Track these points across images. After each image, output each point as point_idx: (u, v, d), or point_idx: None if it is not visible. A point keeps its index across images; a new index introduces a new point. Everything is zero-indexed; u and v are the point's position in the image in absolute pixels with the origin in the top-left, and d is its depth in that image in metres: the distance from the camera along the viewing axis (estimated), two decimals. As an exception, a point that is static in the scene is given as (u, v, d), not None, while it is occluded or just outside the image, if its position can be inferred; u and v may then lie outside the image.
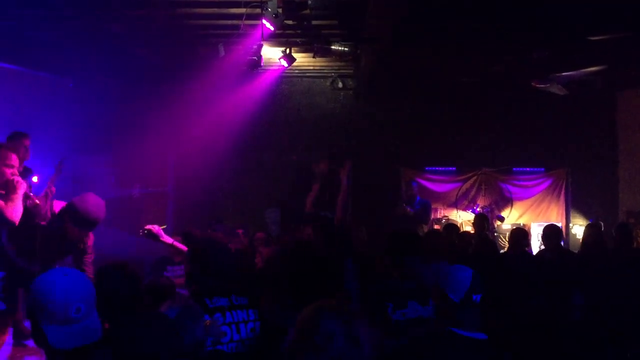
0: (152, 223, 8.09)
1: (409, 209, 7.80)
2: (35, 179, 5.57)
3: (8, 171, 4.07)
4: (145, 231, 4.12)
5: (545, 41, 6.48)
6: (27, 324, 5.43)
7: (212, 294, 2.91)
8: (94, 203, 4.31)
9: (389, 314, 3.13)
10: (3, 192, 4.04)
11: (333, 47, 6.70)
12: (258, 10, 5.34)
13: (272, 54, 7.26)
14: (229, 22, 6.13)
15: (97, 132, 7.89)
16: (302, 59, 7.63)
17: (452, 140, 9.38)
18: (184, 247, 4.18)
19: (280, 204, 8.26)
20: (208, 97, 8.31)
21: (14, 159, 4.15)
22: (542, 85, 7.76)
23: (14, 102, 7.20)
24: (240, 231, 6.84)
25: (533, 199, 9.59)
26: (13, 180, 4.03)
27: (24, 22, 6.05)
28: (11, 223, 4.03)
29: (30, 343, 5.43)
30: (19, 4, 5.50)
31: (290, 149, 9.37)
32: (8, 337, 4.00)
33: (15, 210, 4.00)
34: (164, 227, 8.69)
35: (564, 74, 7.35)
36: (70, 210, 4.26)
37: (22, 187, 4.05)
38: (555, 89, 7.83)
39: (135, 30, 6.27)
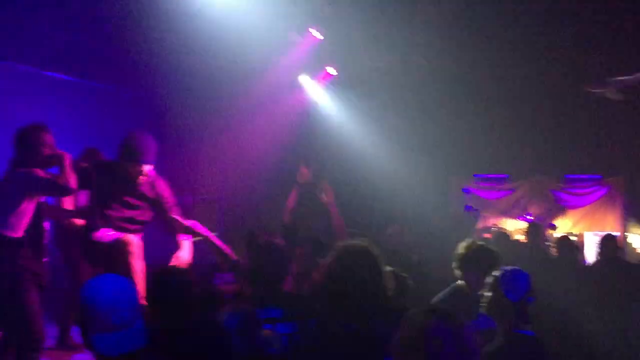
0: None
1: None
2: None
3: (45, 150, 4.23)
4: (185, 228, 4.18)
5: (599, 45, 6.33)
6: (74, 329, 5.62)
7: (267, 304, 2.94)
8: (141, 135, 4.40)
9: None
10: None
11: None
12: (305, 22, 5.39)
13: (320, 63, 7.31)
14: (280, 33, 6.19)
15: (150, 141, 8.07)
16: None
17: (503, 147, 9.19)
18: (226, 248, 4.19)
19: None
20: (261, 106, 8.42)
21: (50, 139, 4.30)
22: (598, 90, 7.56)
23: (77, 113, 7.49)
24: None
25: (588, 207, 9.31)
26: (55, 154, 4.21)
27: (89, 37, 6.30)
28: (71, 190, 4.25)
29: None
30: (86, 20, 5.73)
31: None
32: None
33: (70, 179, 4.18)
34: (214, 234, 8.86)
35: (619, 78, 7.14)
36: (122, 149, 4.33)
37: (67, 157, 4.22)
38: (611, 94, 7.61)
39: (187, 39, 6.44)
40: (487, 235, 8.29)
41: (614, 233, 6.73)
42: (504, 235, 6.86)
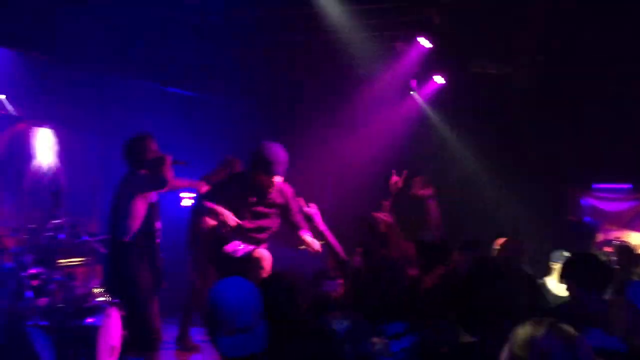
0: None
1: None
2: None
3: (150, 155, 4.57)
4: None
5: None
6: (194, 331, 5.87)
7: (381, 317, 2.93)
8: (273, 145, 4.54)
9: None
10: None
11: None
12: (414, 32, 5.38)
13: (428, 71, 7.24)
14: (386, 43, 6.22)
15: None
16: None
17: (625, 155, 8.58)
18: (338, 247, 4.20)
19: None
20: (366, 116, 8.46)
21: (154, 146, 4.64)
22: None
23: (181, 123, 7.93)
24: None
25: None
26: (158, 157, 4.54)
27: (190, 51, 6.65)
28: (167, 182, 4.54)
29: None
30: (186, 36, 6.06)
31: (451, 170, 9.18)
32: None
33: (168, 173, 4.51)
34: (320, 243, 8.97)
35: None
36: (255, 159, 4.49)
37: (168, 159, 4.53)
38: None
39: (294, 55, 6.62)
40: (608, 249, 7.79)
41: None
42: (626, 249, 6.42)
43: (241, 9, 5.35)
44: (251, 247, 4.65)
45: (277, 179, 4.51)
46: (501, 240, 5.74)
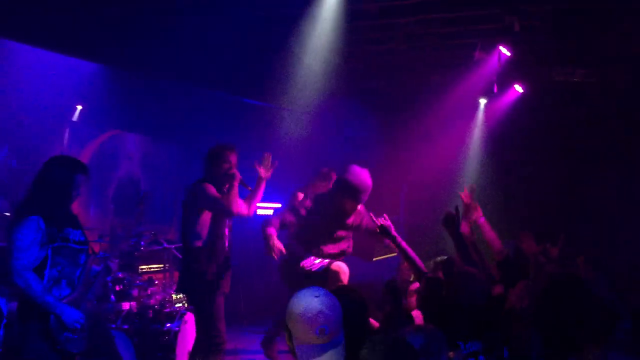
0: (384, 252, 8.31)
1: None
2: None
3: (226, 166, 4.55)
4: (379, 227, 4.10)
5: None
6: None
7: (459, 333, 2.88)
8: (361, 173, 4.51)
9: None
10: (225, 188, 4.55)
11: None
12: (494, 38, 5.25)
13: (506, 80, 7.05)
14: (463, 52, 6.12)
15: (336, 161, 8.39)
16: (539, 84, 7.30)
17: None
18: (418, 260, 4.11)
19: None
20: (441, 125, 8.33)
21: (234, 158, 4.61)
22: None
23: (259, 134, 8.06)
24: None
25: None
26: (229, 172, 4.52)
27: (267, 61, 6.75)
28: (232, 213, 4.49)
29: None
30: (258, 48, 6.16)
31: (530, 178, 8.87)
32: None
33: (233, 201, 4.43)
34: (394, 254, 8.87)
35: None
36: (343, 186, 4.47)
37: (237, 178, 4.50)
38: None
39: (372, 63, 6.61)
40: None
41: None
42: None
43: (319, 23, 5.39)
44: (327, 260, 4.67)
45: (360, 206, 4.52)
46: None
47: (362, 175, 4.47)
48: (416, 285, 4.40)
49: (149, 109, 7.68)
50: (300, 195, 5.97)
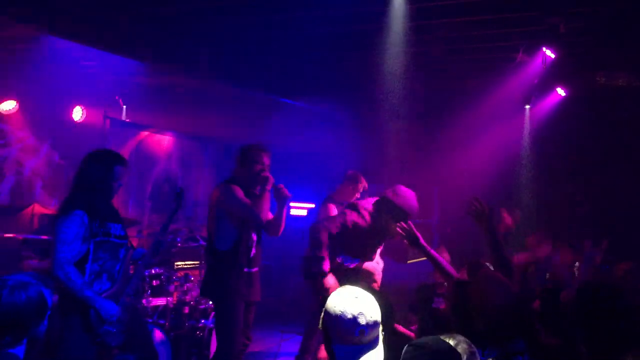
0: (418, 254, 8.22)
1: None
2: None
3: (258, 167, 4.38)
4: (406, 238, 4.01)
5: None
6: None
7: (482, 342, 2.79)
8: (408, 195, 4.35)
9: None
10: (257, 191, 4.39)
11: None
12: (536, 40, 5.16)
13: (549, 83, 6.92)
14: (504, 54, 6.03)
15: (371, 164, 8.38)
16: (581, 88, 7.16)
17: None
18: (448, 267, 4.03)
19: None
20: (477, 129, 8.24)
21: (267, 160, 4.43)
22: None
23: (296, 135, 8.09)
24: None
25: None
26: (262, 175, 4.36)
27: (305, 62, 6.75)
28: (260, 225, 4.36)
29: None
30: (304, 47, 6.17)
31: (563, 180, 8.71)
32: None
33: (264, 211, 4.30)
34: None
35: None
36: (388, 208, 4.30)
37: (270, 181, 4.33)
38: None
39: (411, 66, 6.55)
40: None
41: None
42: None
43: (360, 23, 5.35)
44: (361, 260, 4.62)
45: None
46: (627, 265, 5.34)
47: (408, 198, 4.27)
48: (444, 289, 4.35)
49: (186, 108, 7.78)
50: (332, 207, 5.93)
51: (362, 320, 2.13)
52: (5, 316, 2.27)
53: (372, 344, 2.17)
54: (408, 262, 8.46)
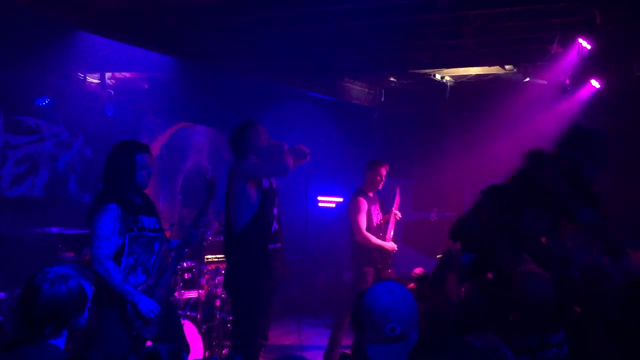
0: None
1: None
2: None
3: (262, 141, 4.38)
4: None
5: None
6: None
7: (517, 329, 2.85)
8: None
9: None
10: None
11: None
12: (572, 33, 5.04)
13: (584, 75, 6.77)
14: (538, 45, 5.91)
15: (400, 158, 8.33)
16: (617, 79, 6.99)
17: None
18: None
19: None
20: (509, 121, 8.12)
21: (264, 132, 4.42)
22: None
23: (325, 129, 8.07)
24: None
25: None
26: (273, 143, 4.38)
27: (331, 55, 6.73)
28: (287, 169, 4.26)
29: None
30: (328, 42, 6.15)
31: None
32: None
33: (288, 160, 4.26)
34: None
35: None
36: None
37: (284, 145, 4.34)
38: None
39: (440, 59, 6.49)
40: None
41: None
42: None
43: (381, 13, 5.30)
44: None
45: None
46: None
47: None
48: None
49: (218, 102, 7.82)
50: (362, 200, 5.91)
51: (395, 317, 2.08)
52: (46, 308, 2.31)
53: (405, 343, 2.09)
54: (438, 256, 8.40)
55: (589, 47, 4.94)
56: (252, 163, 4.35)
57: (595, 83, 6.52)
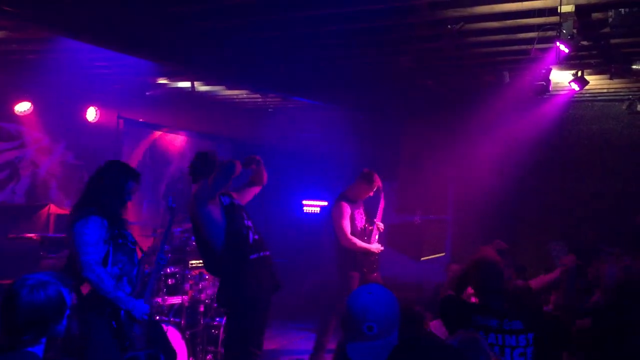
0: (432, 250, 8.23)
1: None
2: None
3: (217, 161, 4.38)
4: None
5: None
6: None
7: (483, 313, 3.14)
8: None
9: None
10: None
11: (634, 66, 6.09)
12: (549, 34, 5.09)
13: (561, 78, 6.86)
14: (517, 47, 5.97)
15: (385, 161, 8.38)
16: (595, 82, 7.07)
17: None
18: None
19: (566, 237, 7.71)
20: (490, 124, 8.20)
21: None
22: None
23: (316, 133, 8.10)
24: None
25: None
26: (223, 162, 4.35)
27: (320, 60, 6.73)
28: (213, 194, 4.22)
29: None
30: (315, 45, 6.16)
31: (577, 179, 8.65)
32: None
33: (217, 184, 4.21)
34: (442, 254, 8.80)
35: None
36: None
37: (237, 166, 4.28)
38: None
39: (423, 62, 6.51)
40: None
41: None
42: None
43: (371, 19, 5.33)
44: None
45: None
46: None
47: None
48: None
49: (200, 107, 7.80)
50: (345, 205, 5.94)
51: (371, 316, 2.11)
52: (24, 315, 2.29)
53: (384, 343, 2.12)
54: (422, 259, 8.45)
55: (567, 50, 4.99)
56: (201, 184, 4.31)
57: (574, 86, 6.61)
